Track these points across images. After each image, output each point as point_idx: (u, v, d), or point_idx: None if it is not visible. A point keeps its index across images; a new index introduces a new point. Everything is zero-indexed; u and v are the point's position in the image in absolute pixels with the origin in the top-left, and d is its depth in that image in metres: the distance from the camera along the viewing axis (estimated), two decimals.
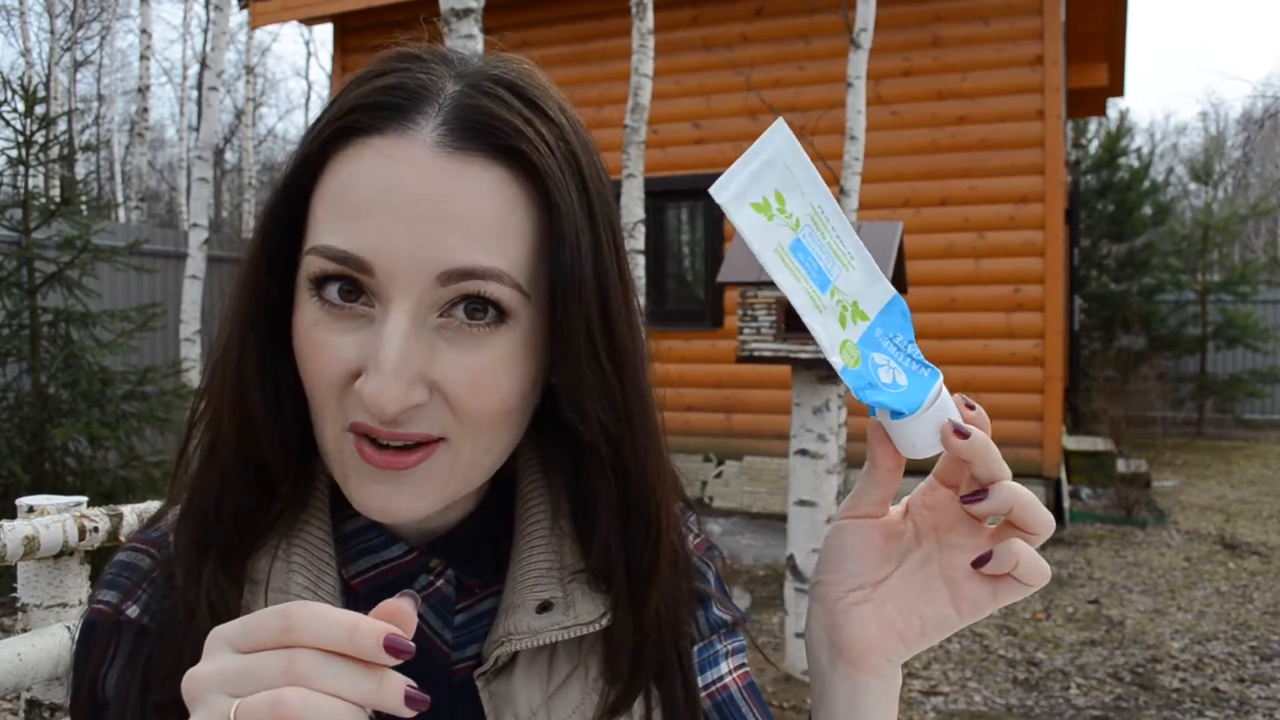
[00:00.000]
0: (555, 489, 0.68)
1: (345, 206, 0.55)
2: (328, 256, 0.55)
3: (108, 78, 20.93)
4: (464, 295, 0.55)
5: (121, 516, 1.51)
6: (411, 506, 0.58)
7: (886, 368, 0.57)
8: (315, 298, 0.57)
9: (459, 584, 0.67)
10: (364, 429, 0.56)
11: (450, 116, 0.56)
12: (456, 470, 0.58)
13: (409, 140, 0.55)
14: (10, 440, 4.82)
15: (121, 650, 0.62)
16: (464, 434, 0.57)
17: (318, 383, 0.57)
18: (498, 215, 0.55)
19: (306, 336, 0.57)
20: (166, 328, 7.40)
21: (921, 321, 7.08)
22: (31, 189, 5.20)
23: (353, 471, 0.58)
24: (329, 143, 0.57)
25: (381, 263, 0.54)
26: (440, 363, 0.55)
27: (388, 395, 0.53)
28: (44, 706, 1.49)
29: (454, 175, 0.55)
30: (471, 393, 0.56)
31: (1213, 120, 28.14)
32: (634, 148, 4.94)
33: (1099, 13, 8.31)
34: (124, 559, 0.66)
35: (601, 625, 0.63)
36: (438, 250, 0.54)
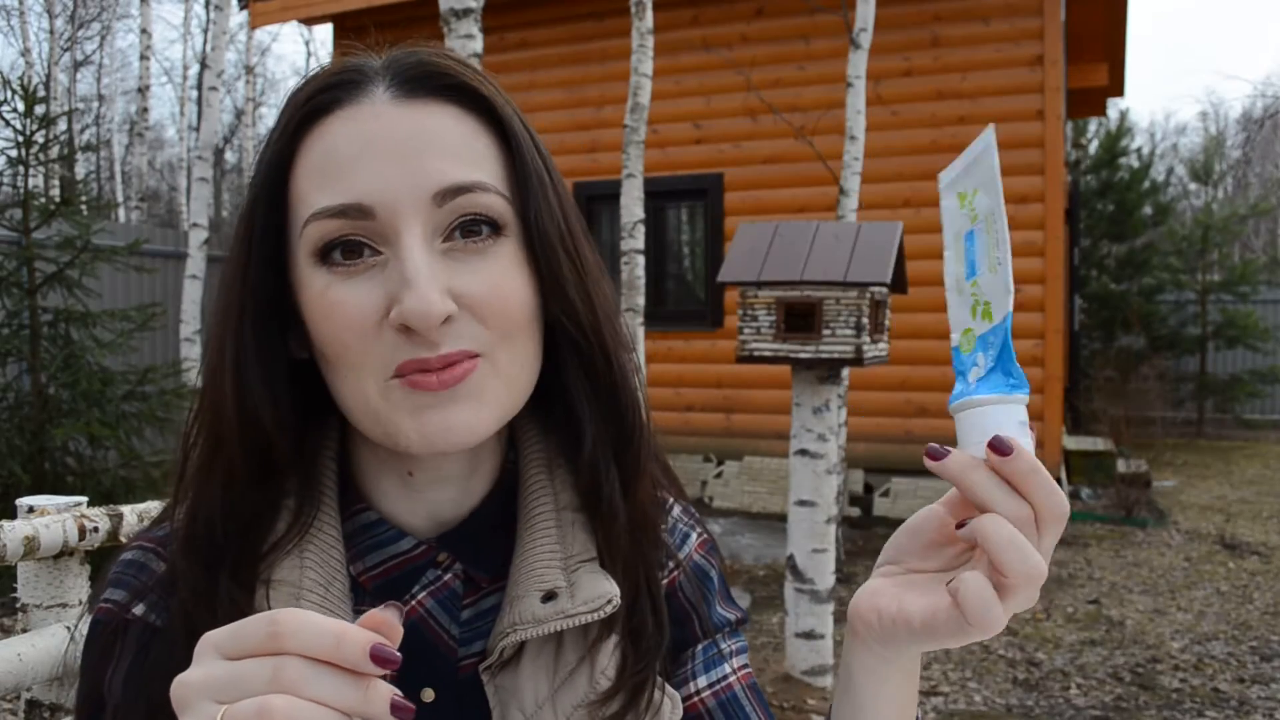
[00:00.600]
0: (558, 480, 0.68)
1: (328, 170, 0.59)
2: (328, 215, 0.58)
3: (108, 78, 20.95)
4: (459, 214, 0.59)
5: (121, 516, 1.51)
6: (471, 424, 0.59)
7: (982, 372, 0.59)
8: (320, 267, 0.59)
9: (467, 578, 0.67)
10: (412, 365, 0.57)
11: (395, 75, 0.62)
12: (500, 384, 0.61)
13: (367, 103, 0.60)
14: (10, 440, 4.82)
15: (127, 650, 0.62)
16: (496, 342, 0.60)
17: (346, 336, 0.58)
18: (465, 141, 0.61)
19: (321, 302, 0.59)
20: (166, 328, 7.40)
21: (921, 321, 7.08)
22: (31, 189, 5.20)
23: (406, 413, 0.58)
24: (295, 133, 0.61)
25: (380, 199, 0.57)
26: (458, 278, 0.59)
27: (429, 301, 0.56)
28: (44, 706, 1.49)
29: (417, 116, 0.60)
30: (493, 297, 0.59)
31: (1213, 120, 28.16)
32: (634, 148, 4.93)
33: (1099, 13, 8.31)
34: (131, 558, 0.66)
35: (607, 611, 0.63)
36: (425, 175, 0.58)
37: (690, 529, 0.76)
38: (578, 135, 7.86)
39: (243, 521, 0.62)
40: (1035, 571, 0.52)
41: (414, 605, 0.65)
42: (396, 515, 0.66)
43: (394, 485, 0.66)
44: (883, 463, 7.21)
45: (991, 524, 0.53)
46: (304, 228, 0.59)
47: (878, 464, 7.22)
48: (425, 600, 0.65)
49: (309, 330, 0.61)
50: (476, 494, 0.68)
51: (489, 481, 0.68)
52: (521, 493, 0.68)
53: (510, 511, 0.68)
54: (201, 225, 7.23)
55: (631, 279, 4.82)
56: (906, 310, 6.82)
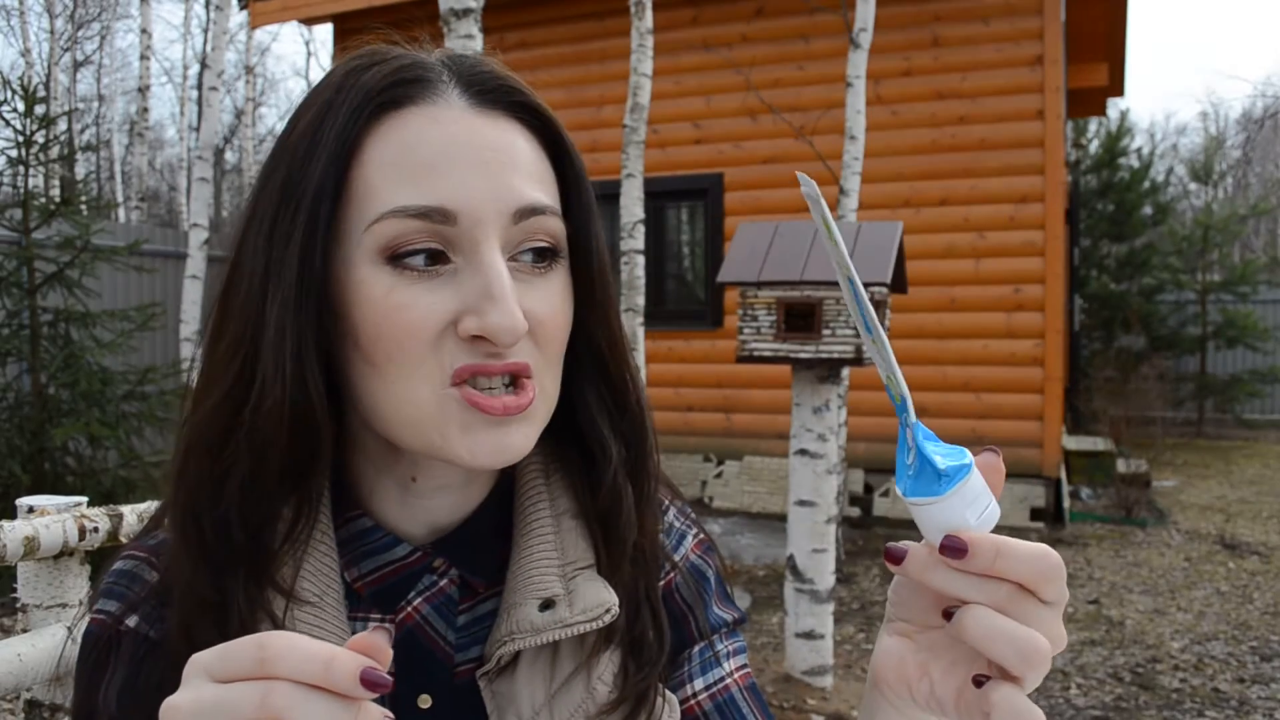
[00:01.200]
0: (554, 486, 0.68)
1: (409, 167, 0.58)
2: (409, 214, 0.57)
3: (108, 78, 20.94)
4: (529, 235, 0.60)
5: (121, 516, 1.51)
6: (522, 445, 0.60)
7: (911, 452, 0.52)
8: (386, 266, 0.57)
9: (463, 584, 0.66)
10: (471, 370, 0.57)
11: (466, 83, 0.61)
12: (545, 406, 0.62)
13: (444, 105, 0.60)
14: (10, 440, 4.82)
15: (121, 663, 0.61)
16: (544, 365, 0.61)
17: (407, 340, 0.57)
18: (535, 161, 0.62)
19: (385, 303, 0.57)
20: (166, 328, 7.40)
21: (921, 321, 7.08)
22: (31, 189, 5.20)
23: (458, 427, 0.58)
24: (368, 120, 0.59)
25: (465, 207, 0.57)
26: (525, 299, 0.59)
27: (515, 316, 0.56)
28: (44, 707, 1.49)
29: (495, 129, 0.60)
30: (551, 320, 0.61)
31: (1213, 120, 28.15)
32: (634, 148, 4.93)
33: (1099, 13, 8.31)
34: (123, 568, 0.66)
35: (605, 621, 0.63)
36: (508, 190, 0.59)
37: (686, 529, 0.76)
38: (578, 135, 7.75)
39: (258, 524, 0.59)
40: (1032, 652, 0.49)
41: (410, 611, 0.65)
42: (392, 522, 0.66)
43: (392, 492, 0.65)
44: (883, 463, 7.21)
45: (970, 618, 0.50)
46: (375, 223, 0.57)
47: (878, 464, 7.22)
48: (421, 606, 0.65)
49: (357, 330, 0.58)
50: (474, 500, 0.67)
51: (486, 488, 0.68)
52: (518, 499, 0.68)
53: (506, 517, 0.68)
54: (201, 225, 7.22)
55: (631, 279, 4.81)
56: (906, 310, 6.81)
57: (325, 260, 0.58)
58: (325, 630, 0.61)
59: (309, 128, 0.59)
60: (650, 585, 0.68)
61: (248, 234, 0.60)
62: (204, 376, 0.61)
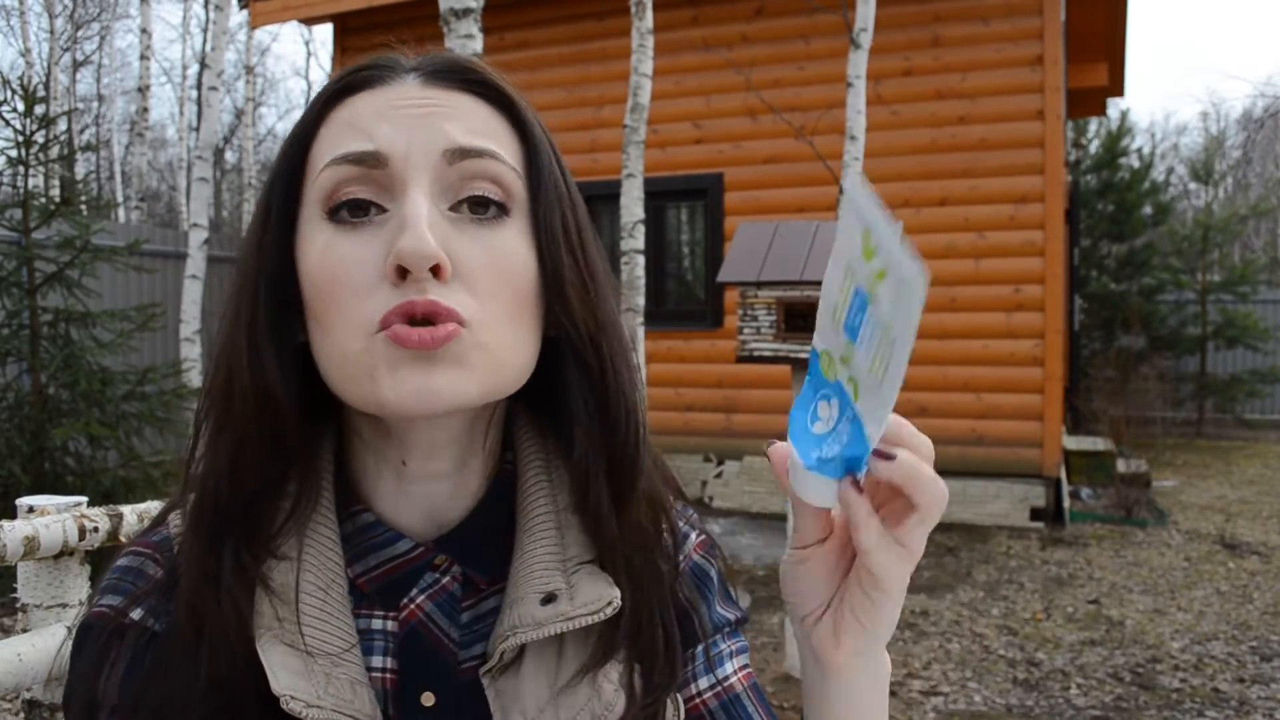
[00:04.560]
0: (556, 481, 0.68)
1: (348, 128, 0.61)
2: (343, 160, 0.59)
3: (108, 78, 20.93)
4: (469, 178, 0.60)
5: (121, 516, 1.51)
6: (452, 388, 0.57)
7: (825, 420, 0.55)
8: (326, 223, 0.60)
9: (466, 581, 0.66)
10: (399, 311, 0.56)
11: (429, 67, 0.64)
12: (485, 356, 0.59)
13: (396, 86, 0.63)
14: (10, 440, 4.82)
15: (124, 654, 0.61)
16: (485, 318, 0.59)
17: (339, 289, 0.58)
18: (484, 124, 0.63)
19: (322, 257, 0.59)
20: (166, 328, 7.40)
21: (921, 321, 7.00)
22: (31, 189, 5.20)
23: (385, 367, 0.57)
24: (321, 110, 0.63)
25: (394, 150, 0.59)
26: (455, 242, 0.59)
27: (423, 240, 0.56)
28: (44, 706, 1.49)
29: (440, 96, 0.62)
30: (488, 270, 0.60)
31: (1213, 120, 28.15)
32: (634, 148, 4.93)
33: (1099, 13, 8.31)
34: (126, 563, 0.66)
35: (607, 614, 0.63)
36: (439, 133, 0.60)
37: (690, 529, 0.76)
38: (578, 135, 7.86)
39: (249, 490, 0.61)
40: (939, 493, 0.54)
41: (413, 609, 0.65)
42: (394, 516, 0.66)
43: (390, 483, 0.66)
44: None
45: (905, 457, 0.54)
46: (319, 175, 0.60)
47: None
48: (424, 604, 0.65)
49: (305, 287, 0.61)
50: (471, 492, 0.67)
51: (484, 479, 0.68)
52: (520, 494, 0.68)
53: (508, 512, 0.68)
54: (201, 225, 7.22)
55: (631, 279, 4.82)
56: None
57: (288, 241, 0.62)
58: (331, 625, 0.61)
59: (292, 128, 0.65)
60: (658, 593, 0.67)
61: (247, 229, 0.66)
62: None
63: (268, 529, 0.62)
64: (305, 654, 0.59)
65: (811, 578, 0.60)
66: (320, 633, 0.60)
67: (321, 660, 0.59)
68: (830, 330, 0.54)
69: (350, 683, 0.60)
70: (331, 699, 0.58)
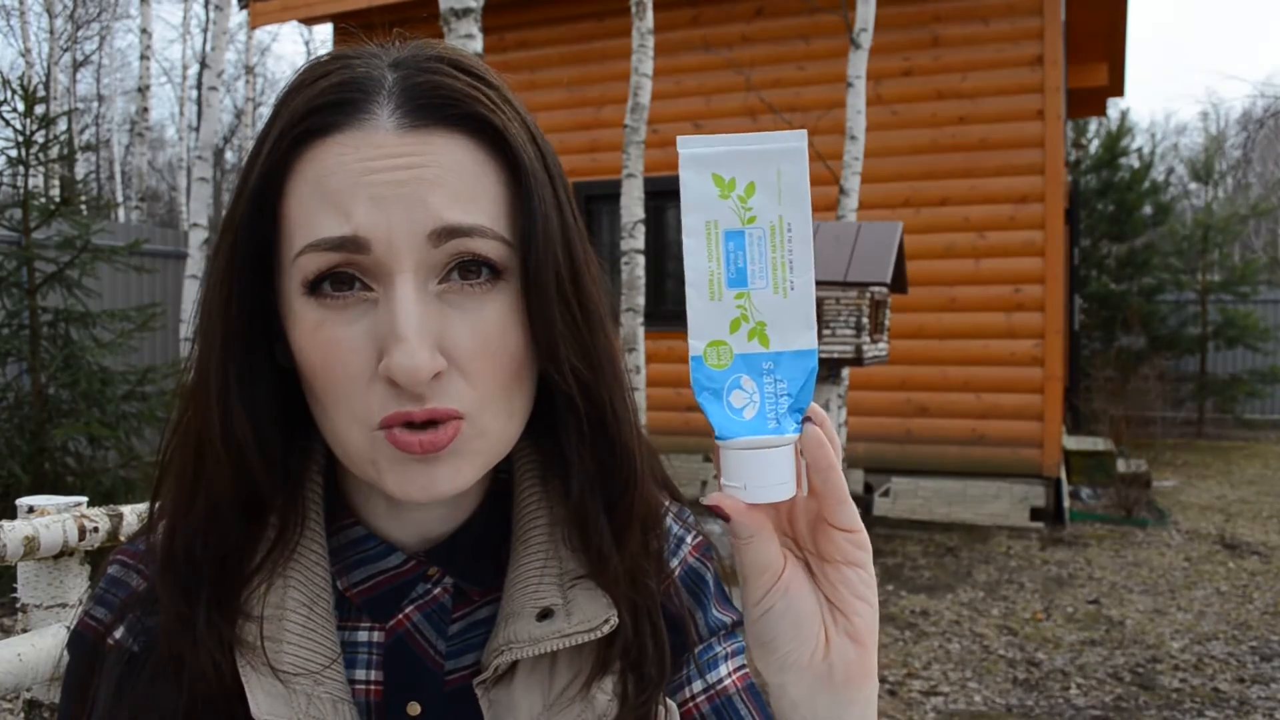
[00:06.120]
0: (552, 494, 0.67)
1: (324, 201, 0.56)
2: (325, 248, 0.55)
3: (108, 78, 20.95)
4: (457, 255, 0.56)
5: (121, 516, 1.52)
6: (452, 482, 0.58)
7: (750, 402, 0.53)
8: (312, 299, 0.57)
9: (458, 591, 0.66)
10: (398, 419, 0.56)
11: (402, 99, 0.57)
12: (484, 442, 0.59)
13: (370, 130, 0.56)
14: (10, 440, 4.82)
15: (106, 677, 0.62)
16: (482, 404, 0.58)
17: (338, 381, 0.57)
18: (469, 179, 0.57)
19: (313, 339, 0.57)
20: (166, 328, 7.40)
21: (921, 321, 7.08)
22: (31, 189, 5.20)
23: (388, 465, 0.57)
24: (289, 151, 0.57)
25: (375, 234, 0.55)
26: (450, 331, 0.56)
27: (418, 360, 0.54)
28: (44, 707, 1.49)
29: (421, 150, 0.56)
30: (483, 356, 0.57)
31: (1213, 120, 28.13)
32: (634, 148, 4.93)
33: (1099, 13, 8.30)
34: (114, 574, 0.66)
35: (604, 631, 0.62)
36: (424, 212, 0.55)
37: (685, 533, 0.75)
38: (578, 135, 7.86)
39: (223, 550, 0.60)
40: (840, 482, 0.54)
41: (401, 619, 0.65)
42: (385, 530, 0.65)
43: (382, 505, 0.65)
44: (883, 463, 7.21)
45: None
46: (297, 258, 0.56)
47: (878, 464, 7.22)
48: (412, 614, 0.65)
49: (299, 362, 0.59)
50: (466, 510, 0.67)
51: (478, 496, 0.67)
52: (516, 506, 0.67)
53: (503, 523, 0.67)
54: (201, 225, 7.22)
55: (631, 279, 4.81)
56: (906, 310, 6.81)
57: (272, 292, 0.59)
58: (313, 640, 0.61)
59: (251, 155, 0.60)
60: (649, 603, 0.66)
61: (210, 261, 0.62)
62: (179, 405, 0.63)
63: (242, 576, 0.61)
64: (287, 675, 0.59)
65: (794, 610, 0.56)
66: (301, 650, 0.60)
67: (303, 680, 0.59)
68: (711, 311, 0.53)
69: (332, 701, 0.60)
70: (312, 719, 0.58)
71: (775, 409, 0.53)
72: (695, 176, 0.53)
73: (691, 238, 0.53)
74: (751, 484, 0.53)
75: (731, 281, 0.52)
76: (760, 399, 0.53)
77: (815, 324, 0.52)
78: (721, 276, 0.52)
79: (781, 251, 0.52)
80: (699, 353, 0.53)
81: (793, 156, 0.52)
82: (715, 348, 0.53)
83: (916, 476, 7.17)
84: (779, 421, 0.53)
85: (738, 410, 0.53)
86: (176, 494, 0.61)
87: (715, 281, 0.52)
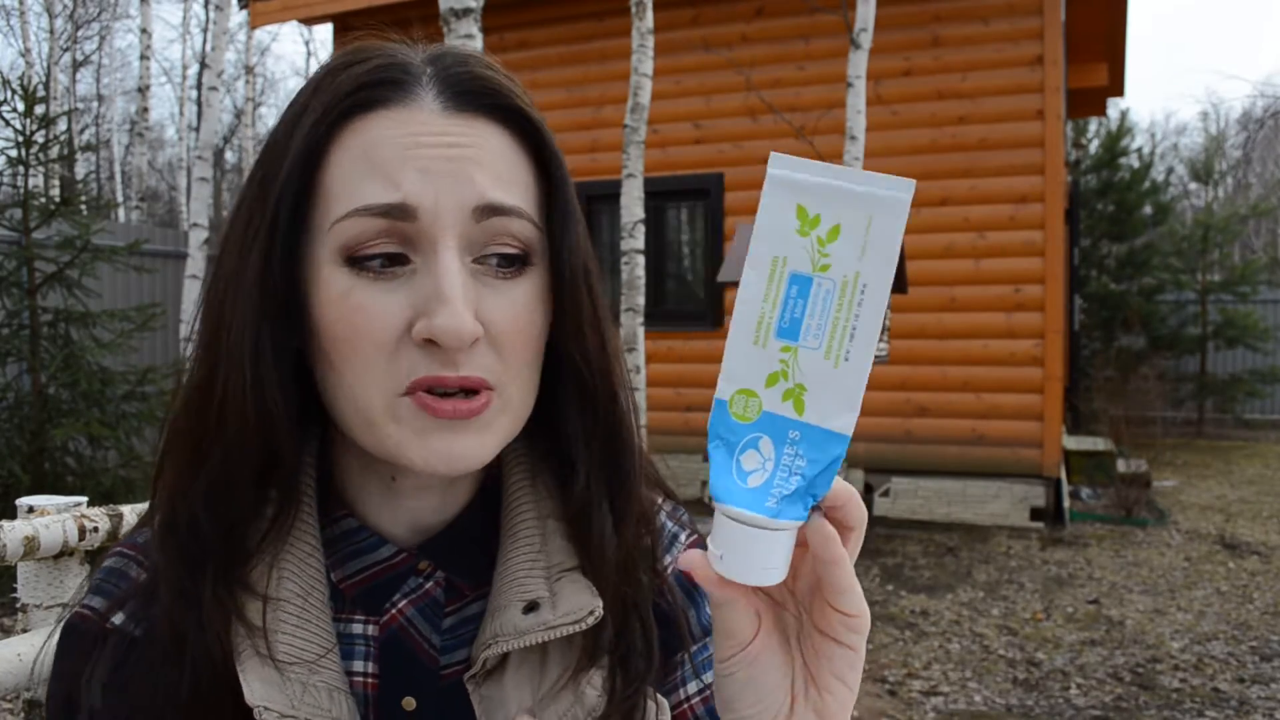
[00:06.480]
0: (541, 488, 0.67)
1: (371, 170, 0.57)
2: (372, 213, 0.56)
3: (107, 78, 20.95)
4: (495, 236, 0.59)
5: (121, 516, 1.51)
6: (476, 453, 0.58)
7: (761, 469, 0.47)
8: (344, 268, 0.57)
9: (449, 586, 0.66)
10: (427, 382, 0.56)
11: (444, 85, 0.60)
12: (507, 417, 0.60)
13: (416, 108, 0.59)
14: (10, 440, 4.82)
15: (105, 659, 0.61)
16: (509, 377, 0.59)
17: (364, 344, 0.57)
18: (508, 165, 0.60)
19: (342, 304, 0.57)
20: (166, 328, 7.40)
21: (922, 321, 7.08)
22: (31, 189, 5.20)
23: (412, 432, 0.57)
24: (335, 123, 0.59)
25: (423, 203, 0.56)
26: (485, 303, 0.58)
27: (463, 320, 0.55)
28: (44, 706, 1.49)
29: (466, 132, 0.59)
30: (513, 331, 0.59)
31: (1213, 120, 28.13)
32: (634, 148, 4.93)
33: (1099, 13, 8.30)
34: (112, 564, 0.66)
35: (589, 623, 0.62)
36: (470, 188, 0.57)
37: (679, 530, 0.75)
38: (578, 135, 7.86)
39: (229, 522, 0.60)
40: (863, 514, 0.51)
41: (395, 613, 0.65)
42: (378, 523, 0.66)
43: (376, 491, 0.65)
44: (883, 463, 7.21)
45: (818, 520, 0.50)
46: (337, 224, 0.57)
47: (878, 464, 7.22)
48: (406, 609, 0.65)
49: (318, 329, 0.59)
50: (458, 501, 0.67)
51: (470, 489, 0.67)
52: (505, 500, 0.67)
53: (493, 518, 0.67)
54: (201, 225, 7.22)
55: (631, 279, 4.81)
56: (906, 310, 6.82)
57: (295, 260, 0.60)
58: (308, 630, 0.61)
59: (284, 130, 0.60)
60: (638, 596, 0.66)
61: (229, 233, 0.62)
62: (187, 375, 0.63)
63: (246, 551, 0.61)
64: (282, 663, 0.59)
65: (757, 681, 0.53)
66: (296, 640, 0.60)
67: (298, 669, 0.59)
68: (750, 357, 0.47)
69: (328, 690, 0.60)
70: (307, 708, 0.58)
71: (783, 487, 0.47)
72: (778, 202, 0.46)
73: (753, 269, 0.47)
74: (731, 558, 0.48)
75: (782, 331, 0.47)
76: (773, 469, 0.47)
77: (859, 408, 0.46)
78: (773, 322, 0.47)
79: (848, 313, 0.46)
80: (725, 396, 0.48)
81: (891, 207, 0.45)
82: (745, 396, 0.47)
83: (916, 476, 7.17)
84: (780, 503, 0.46)
85: (745, 473, 0.47)
86: (185, 462, 0.61)
87: (765, 325, 0.47)
